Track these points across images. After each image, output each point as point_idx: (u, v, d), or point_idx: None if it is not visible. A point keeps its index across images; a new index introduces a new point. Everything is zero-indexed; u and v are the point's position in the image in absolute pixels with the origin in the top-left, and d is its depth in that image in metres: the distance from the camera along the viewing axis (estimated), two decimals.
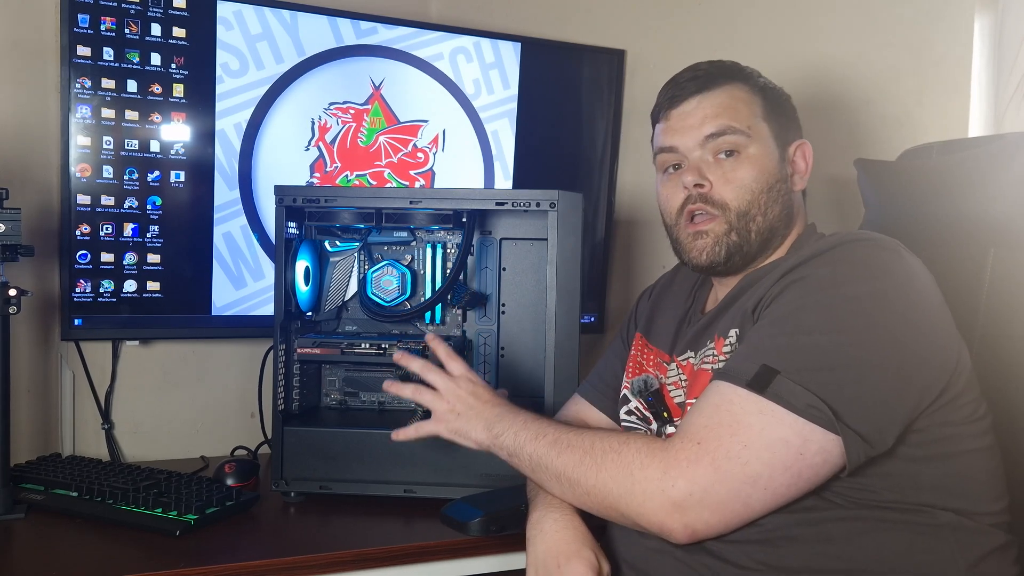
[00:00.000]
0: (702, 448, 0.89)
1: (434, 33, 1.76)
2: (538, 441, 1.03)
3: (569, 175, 1.90)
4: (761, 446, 0.87)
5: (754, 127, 1.06)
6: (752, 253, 1.07)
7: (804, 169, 1.10)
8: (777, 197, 1.06)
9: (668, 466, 0.90)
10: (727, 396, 0.91)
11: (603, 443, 0.97)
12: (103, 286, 1.54)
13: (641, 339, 1.23)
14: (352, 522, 1.30)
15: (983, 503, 0.95)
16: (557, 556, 1.00)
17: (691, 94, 1.08)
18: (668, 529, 0.90)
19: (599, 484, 0.95)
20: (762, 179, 1.06)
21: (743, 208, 1.05)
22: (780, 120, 1.09)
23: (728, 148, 1.06)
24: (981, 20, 1.44)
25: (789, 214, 1.08)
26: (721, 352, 1.02)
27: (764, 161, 1.06)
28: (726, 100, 1.07)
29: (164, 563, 1.10)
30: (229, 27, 1.60)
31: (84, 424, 1.63)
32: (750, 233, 1.06)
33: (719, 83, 1.08)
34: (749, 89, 1.08)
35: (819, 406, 0.87)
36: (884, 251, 0.96)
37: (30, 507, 1.27)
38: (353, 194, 1.48)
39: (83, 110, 1.50)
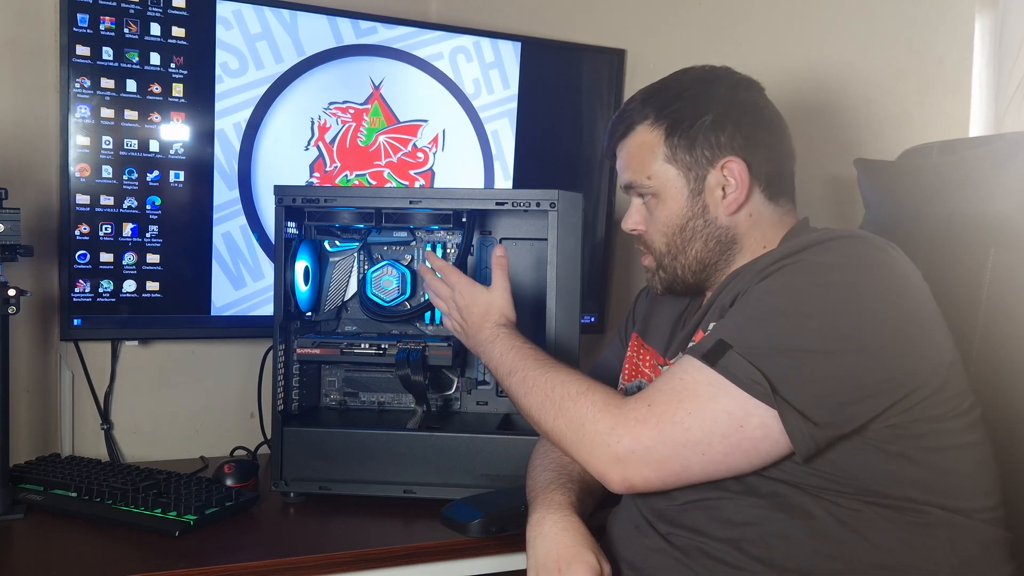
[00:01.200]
0: (651, 411, 0.94)
1: (434, 33, 1.76)
2: (511, 377, 1.10)
3: (569, 175, 1.90)
4: (705, 415, 0.92)
5: (656, 174, 1.09)
6: (689, 283, 1.11)
7: (734, 189, 1.06)
8: (692, 235, 1.08)
9: (616, 422, 0.95)
10: (684, 367, 0.95)
11: (563, 389, 1.02)
12: (102, 286, 1.54)
13: (637, 339, 1.23)
14: (352, 523, 1.30)
15: (973, 498, 0.95)
16: (558, 559, 1.00)
17: (612, 144, 1.15)
18: (608, 479, 0.96)
19: (555, 428, 1.01)
20: (672, 221, 1.09)
21: (663, 249, 1.11)
22: (690, 152, 1.07)
23: (641, 196, 1.12)
24: (982, 20, 1.44)
25: (722, 241, 1.08)
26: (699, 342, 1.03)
27: (671, 204, 1.08)
28: (632, 150, 1.11)
29: (163, 564, 1.10)
30: (229, 27, 1.60)
31: (83, 424, 1.62)
32: (675, 269, 1.11)
33: (631, 127, 1.11)
34: (651, 128, 1.09)
35: (760, 381, 0.89)
36: (868, 246, 0.97)
37: (29, 507, 1.27)
38: (353, 194, 1.47)
39: (82, 110, 1.50)
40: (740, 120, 1.07)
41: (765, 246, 1.08)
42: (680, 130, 1.07)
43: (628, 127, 1.11)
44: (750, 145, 1.07)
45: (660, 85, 1.12)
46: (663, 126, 1.08)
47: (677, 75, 1.13)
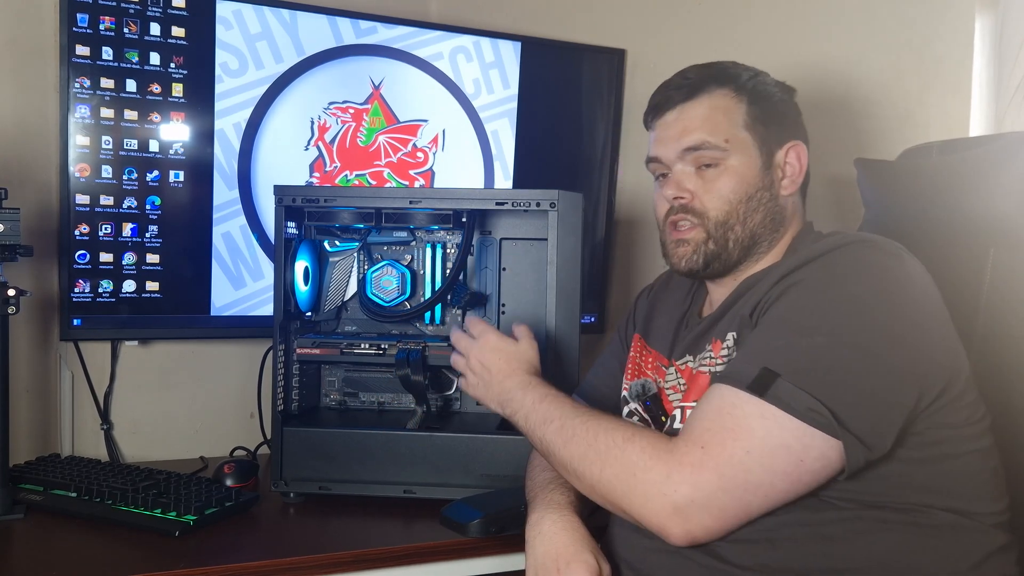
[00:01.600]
0: (706, 453, 0.88)
1: (434, 32, 1.76)
2: (546, 427, 1.03)
3: (569, 175, 1.90)
4: (764, 453, 0.87)
5: (733, 139, 1.06)
6: (732, 260, 1.08)
7: (797, 171, 1.09)
8: (758, 206, 1.06)
9: (671, 470, 0.89)
10: (728, 399, 0.90)
11: (607, 437, 0.96)
12: (102, 286, 1.54)
13: (640, 340, 1.23)
14: (352, 523, 1.30)
15: (983, 503, 0.95)
16: (556, 559, 1.00)
17: (674, 104, 1.09)
18: (667, 532, 0.90)
19: (603, 481, 0.95)
20: (740, 189, 1.06)
21: (721, 218, 1.07)
22: (767, 125, 1.07)
23: (706, 162, 1.07)
24: (982, 20, 1.44)
25: (776, 220, 1.08)
26: (719, 355, 1.02)
27: (743, 171, 1.06)
28: (705, 112, 1.07)
29: (163, 564, 1.10)
30: (228, 26, 1.60)
31: (83, 424, 1.62)
32: (727, 242, 1.07)
33: (702, 92, 1.08)
34: (733, 96, 1.08)
35: (820, 409, 0.86)
36: (883, 253, 0.96)
37: (29, 507, 1.27)
38: (353, 194, 1.47)
39: (82, 110, 1.50)
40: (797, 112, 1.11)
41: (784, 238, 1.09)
42: (762, 101, 1.07)
43: (695, 90, 1.08)
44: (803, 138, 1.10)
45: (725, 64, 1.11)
46: (745, 96, 1.07)
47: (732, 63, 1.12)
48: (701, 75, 1.09)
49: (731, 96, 1.07)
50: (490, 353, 1.14)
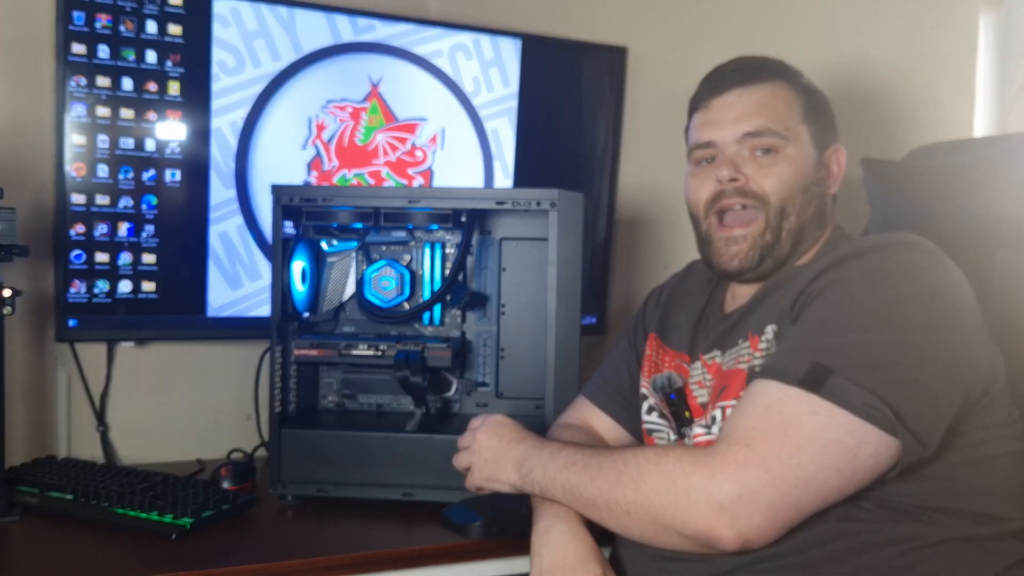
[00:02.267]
0: (752, 451, 0.85)
1: (433, 30, 1.75)
2: (569, 470, 0.99)
3: (570, 174, 1.89)
4: (815, 447, 0.84)
5: (792, 129, 1.05)
6: (782, 255, 1.06)
7: (837, 173, 1.10)
8: (812, 199, 1.06)
9: (714, 470, 0.86)
10: (776, 396, 0.87)
11: (638, 458, 0.93)
12: (98, 287, 1.52)
13: (656, 340, 1.21)
14: (350, 525, 1.29)
15: (1012, 509, 0.94)
16: (563, 569, 0.99)
17: (733, 85, 1.07)
18: (717, 535, 0.85)
19: (640, 499, 0.91)
20: (799, 179, 1.05)
21: (780, 204, 1.04)
22: (819, 123, 1.08)
23: (765, 147, 1.05)
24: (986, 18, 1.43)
25: (822, 217, 1.08)
26: (757, 349, 1.00)
27: (801, 162, 1.05)
28: (767, 98, 1.06)
29: (160, 566, 1.09)
30: (225, 24, 1.58)
31: (79, 426, 1.61)
32: (782, 232, 1.05)
33: (762, 79, 1.07)
34: (792, 88, 1.07)
35: (878, 405, 0.84)
36: (926, 254, 0.95)
37: (25, 510, 1.26)
38: (351, 193, 1.46)
39: (78, 108, 1.49)
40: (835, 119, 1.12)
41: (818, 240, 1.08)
42: (815, 101, 1.08)
43: (753, 76, 1.07)
44: None
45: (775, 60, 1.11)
46: (801, 91, 1.08)
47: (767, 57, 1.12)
48: (759, 64, 1.09)
49: (789, 88, 1.07)
50: (498, 427, 1.13)
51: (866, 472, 0.86)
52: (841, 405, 0.84)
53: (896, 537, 0.90)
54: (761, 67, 1.08)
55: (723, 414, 1.01)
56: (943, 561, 0.90)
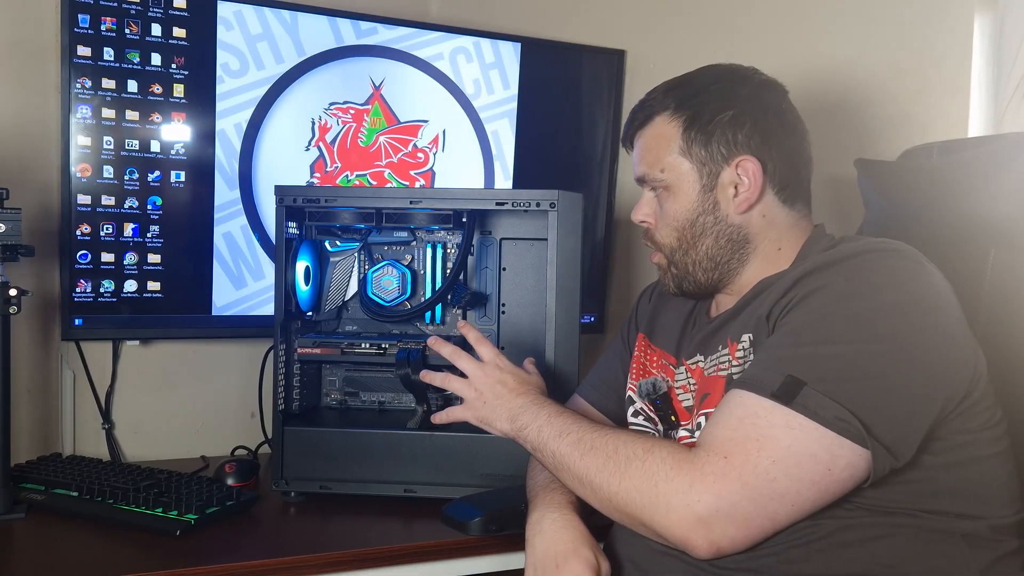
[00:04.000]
0: (729, 463, 0.87)
1: (434, 33, 1.76)
2: (561, 439, 1.01)
3: (569, 175, 1.90)
4: (790, 462, 0.86)
5: (669, 166, 1.06)
6: (701, 281, 1.08)
7: (749, 186, 1.03)
8: (703, 230, 1.06)
9: (694, 480, 0.87)
10: (751, 408, 0.89)
11: (627, 449, 0.94)
12: (103, 286, 1.54)
13: (644, 340, 1.22)
14: (352, 522, 1.30)
15: (998, 507, 0.95)
16: (556, 556, 1.00)
17: (628, 136, 1.12)
18: (692, 544, 0.88)
19: (621, 492, 0.93)
20: (683, 215, 1.06)
21: (672, 245, 1.08)
22: (707, 147, 1.04)
23: (654, 188, 1.09)
24: (981, 20, 1.44)
25: (734, 240, 1.05)
26: (735, 357, 1.01)
27: (683, 198, 1.06)
28: (648, 140, 1.09)
29: (164, 563, 1.10)
30: (229, 27, 1.60)
31: (84, 424, 1.62)
32: (687, 266, 1.08)
33: (649, 118, 1.08)
34: (670, 118, 1.06)
35: (848, 419, 0.85)
36: (904, 260, 0.95)
37: (30, 507, 1.27)
38: (353, 194, 1.47)
39: (83, 110, 1.50)
40: (760, 120, 1.05)
41: (780, 248, 1.06)
42: (698, 124, 1.05)
43: (647, 117, 1.09)
44: (767, 146, 1.04)
45: (684, 78, 1.10)
46: (682, 118, 1.05)
47: (703, 70, 1.10)
48: (653, 100, 1.09)
49: (668, 120, 1.06)
50: (504, 374, 1.13)
51: (841, 484, 0.87)
52: (813, 419, 0.85)
53: (881, 533, 0.91)
54: (650, 103, 1.09)
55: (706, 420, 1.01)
56: (928, 556, 0.91)
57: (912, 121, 1.50)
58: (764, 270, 1.05)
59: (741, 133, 1.04)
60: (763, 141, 1.04)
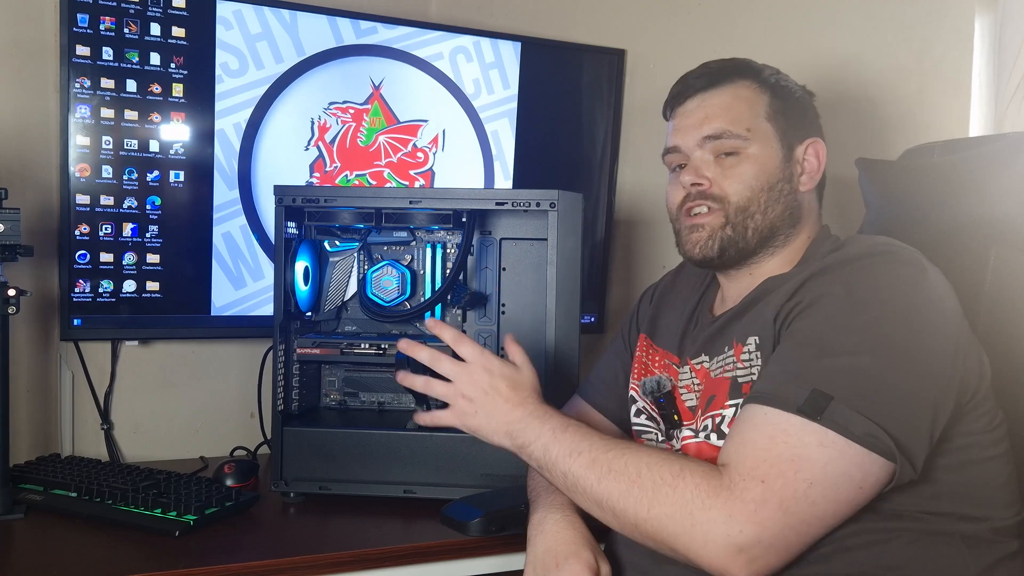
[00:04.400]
0: (767, 488, 0.84)
1: (434, 33, 1.76)
2: (572, 459, 0.95)
3: (569, 175, 1.90)
4: (827, 483, 0.84)
5: (755, 128, 1.05)
6: (748, 250, 1.06)
7: (816, 168, 1.07)
8: (779, 197, 1.05)
9: (733, 509, 0.84)
10: (780, 425, 0.86)
11: (652, 473, 0.89)
12: (102, 286, 1.54)
13: (646, 340, 1.21)
14: (352, 523, 1.30)
15: (997, 509, 0.95)
16: (556, 555, 0.99)
17: (694, 92, 1.08)
18: (730, 573, 0.85)
19: (651, 519, 0.88)
20: (762, 177, 1.04)
21: (742, 203, 1.04)
22: (788, 119, 1.07)
23: (727, 150, 1.05)
24: (981, 20, 1.44)
25: (794, 215, 1.06)
26: (740, 359, 1.00)
27: (764, 160, 1.05)
28: (728, 100, 1.06)
29: (163, 563, 1.10)
30: (229, 27, 1.60)
31: (83, 424, 1.62)
32: (747, 230, 1.04)
33: (724, 81, 1.07)
34: (756, 87, 1.07)
35: (878, 434, 0.84)
36: (907, 266, 0.95)
37: (29, 507, 1.27)
38: (353, 194, 1.47)
39: (82, 110, 1.50)
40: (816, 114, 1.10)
41: (807, 237, 1.08)
42: (782, 97, 1.07)
43: (716, 80, 1.07)
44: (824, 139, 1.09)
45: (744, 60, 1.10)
46: (767, 89, 1.07)
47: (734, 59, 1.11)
48: (723, 67, 1.09)
49: (753, 87, 1.07)
50: (493, 379, 1.02)
51: (867, 498, 0.87)
52: (845, 435, 0.84)
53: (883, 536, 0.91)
54: (724, 69, 1.08)
55: (713, 423, 1.01)
56: (928, 559, 0.91)
57: (912, 121, 1.50)
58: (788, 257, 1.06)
59: (813, 115, 1.10)
60: (822, 132, 1.09)
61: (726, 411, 0.99)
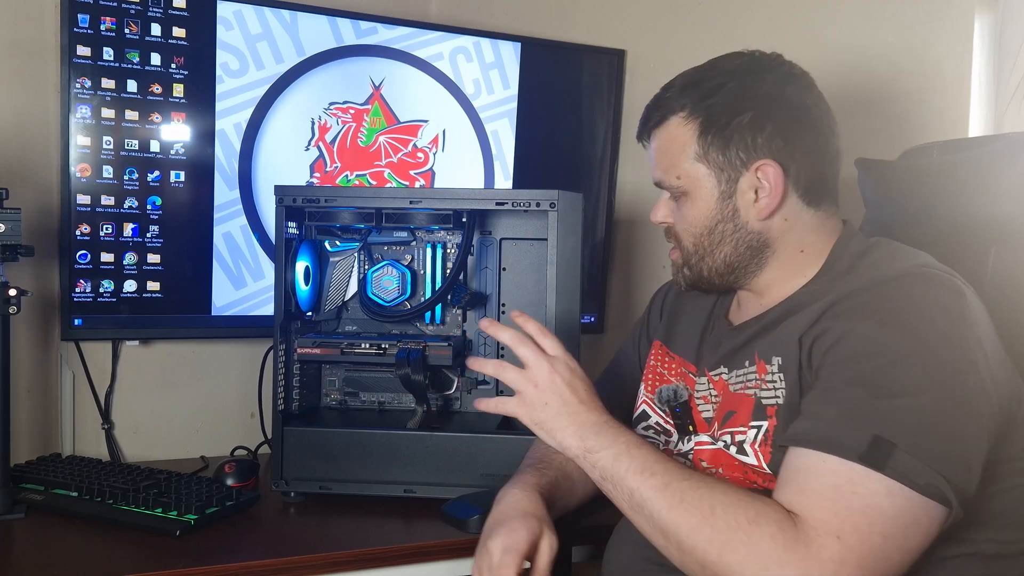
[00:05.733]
0: (844, 545, 0.80)
1: (434, 33, 1.76)
2: (644, 478, 0.90)
3: (569, 175, 1.90)
4: (899, 535, 0.81)
5: (684, 173, 1.01)
6: (720, 284, 1.05)
7: (770, 192, 0.98)
8: (722, 238, 1.01)
9: (811, 569, 0.80)
10: (844, 475, 0.83)
11: (727, 514, 0.85)
12: (103, 286, 1.54)
13: (661, 348, 1.17)
14: (352, 522, 1.30)
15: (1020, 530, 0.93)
16: (508, 519, 0.98)
17: (642, 137, 1.08)
18: None
19: (721, 564, 0.84)
20: (700, 222, 1.01)
21: (690, 249, 1.04)
22: (724, 149, 0.99)
23: (671, 194, 1.05)
24: (981, 20, 1.44)
25: (754, 247, 1.01)
26: (764, 380, 0.96)
27: (700, 205, 1.01)
28: (662, 144, 1.03)
29: (164, 563, 1.10)
30: (229, 27, 1.60)
31: (84, 424, 1.62)
32: (702, 270, 1.04)
33: (662, 120, 1.03)
34: (686, 118, 1.00)
35: (939, 483, 0.81)
36: (948, 292, 0.91)
37: (30, 507, 1.27)
38: (353, 194, 1.47)
39: (83, 110, 1.50)
40: (782, 120, 0.98)
41: (803, 250, 1.01)
42: (715, 128, 0.98)
43: (662, 117, 1.03)
44: (789, 148, 0.98)
45: (701, 73, 1.02)
46: (698, 121, 0.99)
47: (721, 62, 1.03)
48: (670, 95, 1.03)
49: (684, 123, 1.00)
50: (575, 379, 0.99)
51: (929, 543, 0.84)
52: (910, 486, 0.81)
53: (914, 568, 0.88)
54: (662, 103, 1.03)
55: (732, 439, 0.98)
56: None
57: (912, 121, 1.50)
58: (784, 273, 1.02)
59: (761, 136, 0.98)
60: (785, 143, 0.98)
61: (748, 431, 0.96)
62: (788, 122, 0.99)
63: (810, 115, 1.01)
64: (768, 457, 0.94)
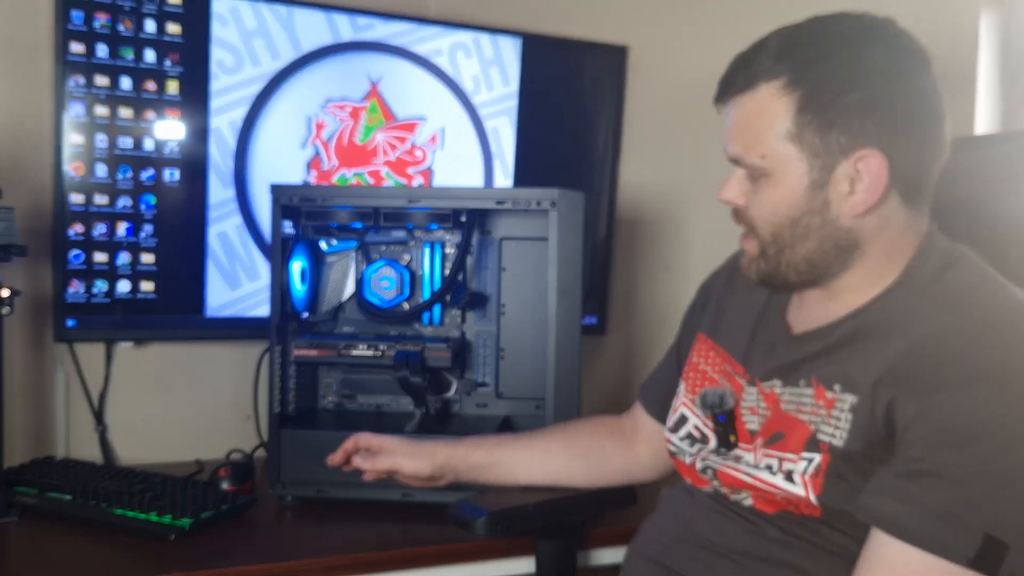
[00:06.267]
0: None
1: (432, 28, 1.75)
2: None
3: (570, 173, 1.88)
4: None
5: (771, 153, 0.87)
6: (791, 283, 0.93)
7: (868, 186, 0.86)
8: (806, 233, 0.88)
9: None
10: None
11: None
12: (96, 286, 1.52)
13: (706, 340, 1.06)
14: (349, 526, 1.28)
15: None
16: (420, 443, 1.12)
17: (722, 100, 0.93)
18: None
19: None
20: (781, 212, 0.89)
21: (767, 238, 0.91)
22: (824, 131, 0.85)
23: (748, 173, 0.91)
24: (987, 17, 1.43)
25: (841, 246, 0.89)
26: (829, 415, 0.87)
27: (784, 191, 0.88)
28: (745, 116, 0.89)
29: (158, 568, 1.09)
30: (224, 23, 1.58)
31: (78, 426, 1.61)
32: (779, 264, 0.91)
33: (748, 85, 0.89)
34: (782, 90, 0.86)
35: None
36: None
37: (23, 510, 1.26)
38: (350, 193, 1.46)
39: (76, 108, 1.48)
40: (894, 104, 0.85)
41: (889, 255, 0.90)
42: (817, 105, 0.85)
43: (750, 81, 0.88)
44: (898, 138, 0.85)
45: (804, 35, 0.88)
46: (796, 95, 0.85)
47: (827, 23, 0.89)
48: (752, 60, 0.89)
49: (778, 94, 0.86)
50: None
51: None
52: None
53: None
54: (752, 65, 0.89)
55: (780, 466, 0.90)
56: None
57: None
58: (866, 278, 0.90)
59: (869, 121, 0.84)
60: (894, 132, 0.85)
61: (799, 462, 0.88)
62: (900, 106, 0.86)
63: (925, 100, 0.88)
64: (819, 489, 0.86)
